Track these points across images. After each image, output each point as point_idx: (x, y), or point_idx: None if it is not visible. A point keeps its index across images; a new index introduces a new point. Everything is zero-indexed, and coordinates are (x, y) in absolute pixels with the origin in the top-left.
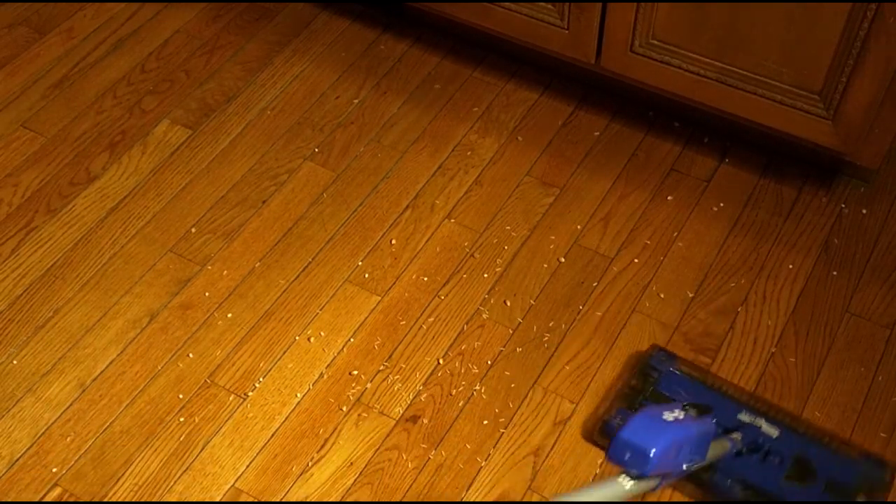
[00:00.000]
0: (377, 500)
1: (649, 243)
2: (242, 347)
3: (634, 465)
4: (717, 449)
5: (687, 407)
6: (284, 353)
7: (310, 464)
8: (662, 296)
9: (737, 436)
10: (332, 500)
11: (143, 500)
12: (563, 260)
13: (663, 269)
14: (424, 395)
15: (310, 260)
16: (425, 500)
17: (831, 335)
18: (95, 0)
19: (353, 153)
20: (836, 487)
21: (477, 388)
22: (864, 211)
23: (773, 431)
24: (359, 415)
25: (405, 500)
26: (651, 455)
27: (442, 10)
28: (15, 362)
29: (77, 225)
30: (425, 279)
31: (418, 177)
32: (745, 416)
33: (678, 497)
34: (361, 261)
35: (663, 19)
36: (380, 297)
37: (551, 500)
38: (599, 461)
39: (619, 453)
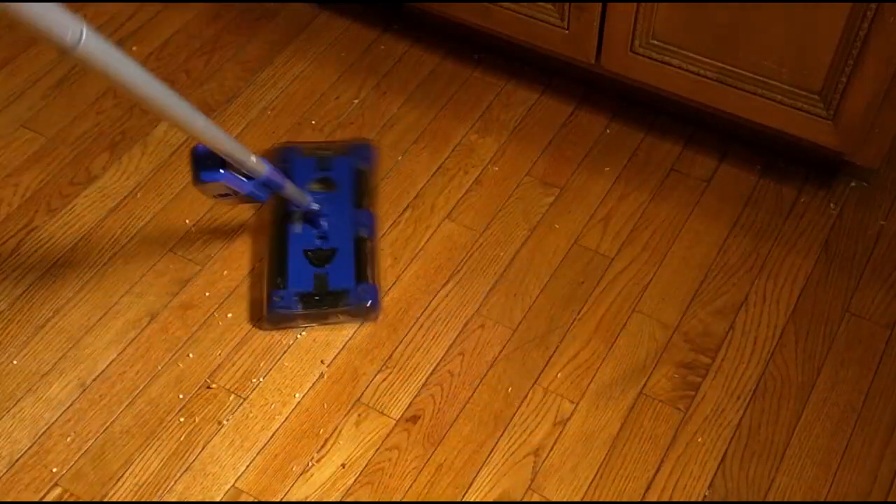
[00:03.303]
0: (377, 500)
1: (649, 243)
2: (242, 347)
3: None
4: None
5: None
6: (284, 353)
7: (310, 464)
8: (662, 296)
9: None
10: (332, 500)
11: (143, 500)
12: (563, 260)
13: (663, 269)
14: (424, 395)
15: None
16: (425, 500)
17: (831, 335)
18: (95, 0)
19: None
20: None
21: (477, 388)
22: (864, 211)
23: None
24: (359, 415)
25: (405, 500)
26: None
27: (442, 10)
28: (15, 362)
29: (77, 225)
30: (425, 279)
31: (418, 177)
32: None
33: (678, 498)
34: None
35: (663, 19)
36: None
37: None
38: (599, 461)
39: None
